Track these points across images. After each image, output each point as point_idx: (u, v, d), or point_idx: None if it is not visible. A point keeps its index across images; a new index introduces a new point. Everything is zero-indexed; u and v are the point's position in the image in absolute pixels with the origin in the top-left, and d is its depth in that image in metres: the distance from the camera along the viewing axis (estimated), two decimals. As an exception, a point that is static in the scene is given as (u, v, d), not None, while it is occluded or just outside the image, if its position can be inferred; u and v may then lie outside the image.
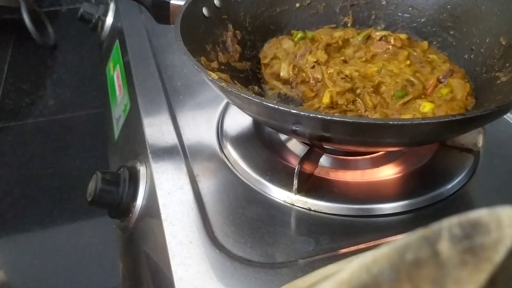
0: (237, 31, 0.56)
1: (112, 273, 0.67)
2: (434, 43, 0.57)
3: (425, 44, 0.57)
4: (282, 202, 0.45)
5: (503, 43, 0.50)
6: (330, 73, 0.51)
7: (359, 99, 0.48)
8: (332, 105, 0.49)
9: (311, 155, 0.45)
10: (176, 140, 0.52)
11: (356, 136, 0.38)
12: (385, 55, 0.55)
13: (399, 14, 0.61)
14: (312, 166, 0.46)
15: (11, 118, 0.97)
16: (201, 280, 0.37)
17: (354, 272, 0.16)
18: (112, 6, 0.89)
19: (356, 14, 0.62)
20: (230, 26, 0.55)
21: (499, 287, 0.15)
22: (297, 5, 0.61)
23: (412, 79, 0.50)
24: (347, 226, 0.43)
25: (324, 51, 0.54)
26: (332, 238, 0.41)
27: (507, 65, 0.48)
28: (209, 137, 0.53)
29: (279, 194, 0.45)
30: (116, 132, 0.68)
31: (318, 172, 0.47)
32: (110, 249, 0.69)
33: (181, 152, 0.51)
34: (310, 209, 0.44)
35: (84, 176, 0.51)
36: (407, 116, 0.46)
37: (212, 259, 0.39)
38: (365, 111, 0.48)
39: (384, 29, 0.60)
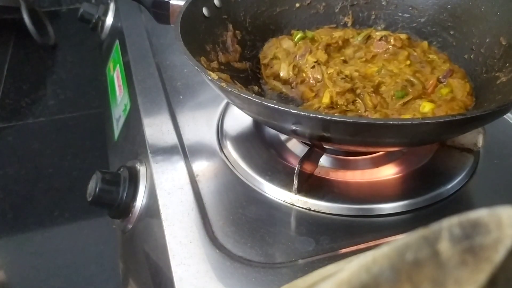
0: (237, 31, 0.56)
1: (112, 273, 0.67)
2: (434, 43, 0.57)
3: (425, 44, 0.57)
4: (282, 202, 0.45)
5: (503, 43, 0.50)
6: (330, 73, 0.51)
7: (359, 99, 0.48)
8: (332, 105, 0.49)
9: (311, 155, 0.45)
10: (176, 140, 0.52)
11: (356, 136, 0.38)
12: (385, 55, 0.55)
13: (399, 14, 0.61)
14: (312, 166, 0.46)
15: (11, 118, 0.98)
16: (201, 280, 0.38)
17: (354, 272, 0.16)
18: (112, 6, 0.89)
19: (356, 14, 0.62)
20: (230, 26, 0.55)
21: (499, 287, 0.15)
22: (297, 5, 0.61)
23: (412, 79, 0.50)
24: (347, 226, 0.43)
25: (324, 51, 0.54)
26: (332, 238, 0.41)
27: (507, 65, 0.48)
28: (209, 137, 0.53)
29: (279, 194, 0.45)
30: (116, 132, 0.68)
31: (318, 172, 0.47)
32: (110, 249, 0.69)
33: (181, 152, 0.51)
34: (310, 209, 0.44)
35: (84, 176, 0.51)
36: (407, 116, 0.46)
37: (212, 259, 0.39)
38: (365, 111, 0.48)
39: (384, 29, 0.60)
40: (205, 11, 0.53)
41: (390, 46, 0.55)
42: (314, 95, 0.52)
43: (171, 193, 0.46)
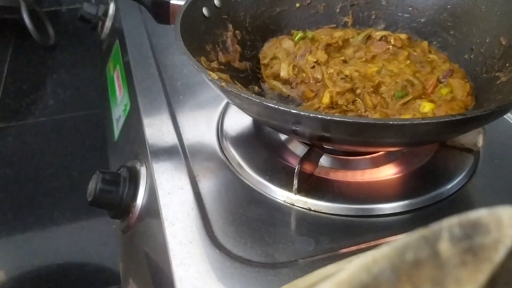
0: (237, 31, 0.56)
1: (112, 273, 0.67)
2: (434, 43, 0.57)
3: (425, 44, 0.57)
4: (282, 202, 0.45)
5: (503, 43, 0.50)
6: (330, 73, 0.51)
7: (359, 99, 0.48)
8: (332, 105, 0.49)
9: (311, 155, 0.45)
10: (176, 140, 0.52)
11: (356, 136, 0.38)
12: (385, 55, 0.55)
13: (399, 14, 0.60)
14: (312, 166, 0.46)
15: (11, 118, 0.98)
16: (201, 280, 0.38)
17: (354, 272, 0.16)
18: (112, 6, 0.89)
19: (356, 14, 0.62)
20: (230, 26, 0.55)
21: (499, 287, 0.15)
22: (297, 5, 0.61)
23: (412, 79, 0.50)
24: (347, 226, 0.43)
25: (324, 51, 0.54)
26: (332, 238, 0.41)
27: (507, 65, 0.48)
28: (209, 137, 0.53)
29: (279, 194, 0.45)
30: (116, 132, 0.68)
31: (318, 172, 0.47)
32: (110, 249, 0.69)
33: (181, 152, 0.51)
34: (310, 209, 0.44)
35: (84, 176, 0.52)
36: (407, 116, 0.46)
37: (212, 259, 0.39)
38: (365, 111, 0.48)
39: (384, 29, 0.60)
40: (205, 11, 0.53)
41: (390, 46, 0.55)
42: (314, 95, 0.52)
43: (171, 193, 0.46)
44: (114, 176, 0.49)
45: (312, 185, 0.46)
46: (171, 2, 0.55)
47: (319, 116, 0.36)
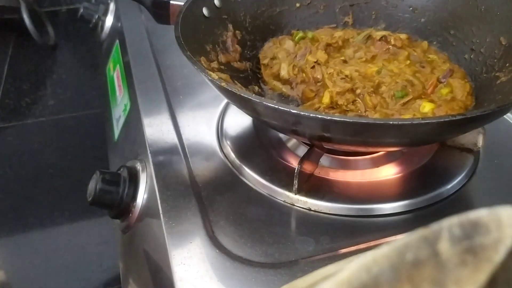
0: (237, 31, 0.56)
1: (112, 273, 0.67)
2: (434, 43, 0.57)
3: (425, 44, 0.57)
4: (282, 202, 0.45)
5: (503, 43, 0.50)
6: (330, 73, 0.51)
7: (359, 99, 0.48)
8: (332, 105, 0.49)
9: (311, 155, 0.45)
10: (176, 140, 0.52)
11: (356, 136, 0.38)
12: (385, 55, 0.55)
13: (399, 14, 0.60)
14: (312, 166, 0.46)
15: (11, 118, 0.98)
16: (201, 280, 0.38)
17: (354, 272, 0.16)
18: (112, 6, 0.89)
19: (356, 14, 0.62)
20: (230, 26, 0.55)
21: (499, 287, 0.15)
22: (297, 5, 0.61)
23: (412, 79, 0.50)
24: (347, 226, 0.43)
25: (324, 51, 0.54)
26: (332, 238, 0.41)
27: (507, 65, 0.48)
28: (209, 137, 0.53)
29: (279, 194, 0.45)
30: (116, 132, 0.68)
31: (318, 172, 0.47)
32: (110, 249, 0.69)
33: (181, 152, 0.51)
34: (310, 209, 0.44)
35: (84, 176, 0.52)
36: (407, 116, 0.46)
37: (212, 259, 0.39)
38: (365, 111, 0.48)
39: (384, 29, 0.60)
40: (205, 11, 0.53)
41: (390, 46, 0.55)
42: (314, 95, 0.52)
43: (171, 193, 0.46)
44: (114, 176, 0.49)
45: (312, 185, 0.46)
46: (171, 2, 0.55)
47: (319, 116, 0.36)
